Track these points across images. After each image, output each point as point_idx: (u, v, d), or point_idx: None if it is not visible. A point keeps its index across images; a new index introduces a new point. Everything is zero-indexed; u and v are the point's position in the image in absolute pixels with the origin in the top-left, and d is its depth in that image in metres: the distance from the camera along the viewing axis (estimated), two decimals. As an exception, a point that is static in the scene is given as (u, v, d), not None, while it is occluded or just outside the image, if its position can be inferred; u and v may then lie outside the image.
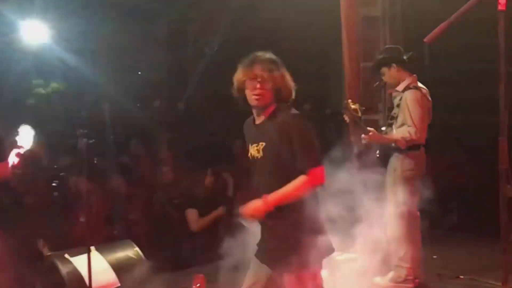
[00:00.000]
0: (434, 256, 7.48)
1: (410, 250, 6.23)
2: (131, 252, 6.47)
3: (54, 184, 7.99)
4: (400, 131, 6.12)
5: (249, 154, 4.38)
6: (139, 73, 11.62)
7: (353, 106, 6.61)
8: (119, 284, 6.17)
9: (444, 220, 9.51)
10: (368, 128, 6.15)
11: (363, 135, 6.17)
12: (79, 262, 5.99)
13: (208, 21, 10.69)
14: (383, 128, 6.48)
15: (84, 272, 5.79)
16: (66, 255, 6.10)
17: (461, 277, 6.74)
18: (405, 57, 6.39)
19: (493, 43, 4.78)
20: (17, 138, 5.81)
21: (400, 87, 6.31)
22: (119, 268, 6.23)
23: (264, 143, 4.26)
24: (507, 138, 4.80)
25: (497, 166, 4.83)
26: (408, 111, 6.09)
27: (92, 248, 5.98)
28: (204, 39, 11.02)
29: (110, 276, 6.15)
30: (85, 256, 5.64)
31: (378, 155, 6.36)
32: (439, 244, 7.92)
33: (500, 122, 4.80)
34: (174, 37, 11.41)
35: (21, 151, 5.79)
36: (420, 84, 6.38)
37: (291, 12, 9.76)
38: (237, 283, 6.72)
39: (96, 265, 5.91)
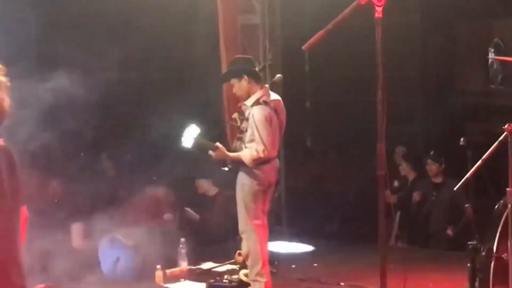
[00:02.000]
0: (315, 264, 7.49)
1: (266, 265, 6.20)
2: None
3: None
4: (248, 149, 6.04)
5: None
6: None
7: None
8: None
9: (325, 228, 9.60)
10: (216, 144, 6.06)
11: (210, 151, 6.08)
12: None
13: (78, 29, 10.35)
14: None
15: None
16: None
17: (342, 283, 6.77)
18: (256, 69, 6.30)
19: (371, 50, 4.80)
20: None
21: (249, 101, 6.15)
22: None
23: None
24: (385, 145, 4.84)
25: (376, 173, 4.86)
26: (256, 128, 6.00)
27: None
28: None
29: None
30: None
31: (228, 169, 6.28)
32: (320, 252, 7.97)
33: (378, 128, 4.83)
34: (45, 46, 10.98)
35: None
36: (274, 96, 6.27)
37: (167, 20, 9.60)
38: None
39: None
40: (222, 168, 6.26)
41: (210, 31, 8.78)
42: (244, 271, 6.60)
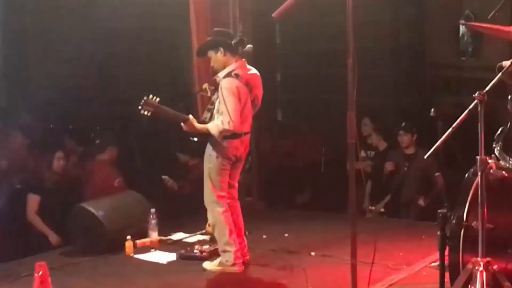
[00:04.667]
0: (286, 234, 7.50)
1: (233, 234, 6.23)
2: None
3: None
4: (215, 121, 6.04)
5: None
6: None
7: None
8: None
9: (296, 198, 9.61)
10: (188, 116, 6.06)
11: (182, 124, 6.07)
12: None
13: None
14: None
15: None
16: None
17: (313, 253, 6.78)
18: (233, 42, 6.26)
19: (342, 23, 4.77)
20: None
21: (222, 73, 6.15)
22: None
23: None
24: (355, 115, 4.81)
25: (346, 142, 4.84)
26: (223, 100, 6.00)
27: None
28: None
29: None
30: None
31: (196, 139, 6.27)
32: (291, 223, 7.98)
33: (348, 96, 4.81)
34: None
35: None
36: (252, 70, 6.26)
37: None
38: (82, 270, 6.54)
39: None
40: (191, 139, 6.27)
41: (180, 1, 8.67)
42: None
